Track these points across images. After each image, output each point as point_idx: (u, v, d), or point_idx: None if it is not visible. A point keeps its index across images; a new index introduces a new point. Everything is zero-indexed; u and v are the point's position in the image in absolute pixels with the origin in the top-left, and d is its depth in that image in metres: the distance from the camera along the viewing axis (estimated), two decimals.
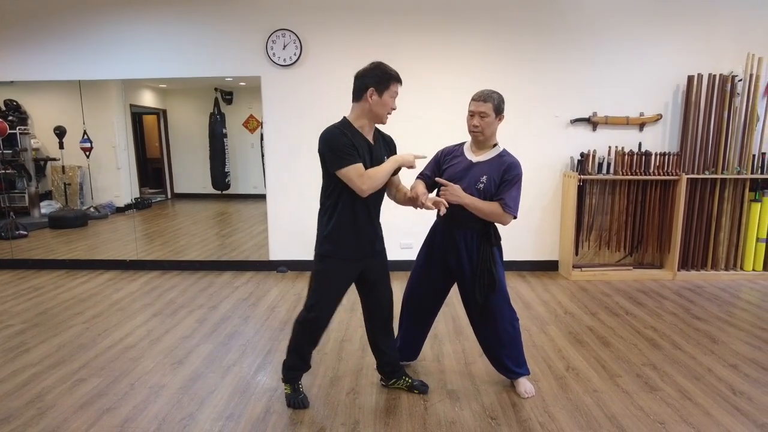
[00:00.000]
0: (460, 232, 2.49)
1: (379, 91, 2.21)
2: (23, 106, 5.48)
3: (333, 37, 4.61)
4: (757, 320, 3.63)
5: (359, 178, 2.15)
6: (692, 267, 4.76)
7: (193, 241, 5.76)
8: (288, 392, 2.51)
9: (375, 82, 2.21)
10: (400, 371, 2.64)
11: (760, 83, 4.50)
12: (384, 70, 2.24)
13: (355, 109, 2.28)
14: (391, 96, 2.25)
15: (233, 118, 5.81)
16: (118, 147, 5.49)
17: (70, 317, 3.70)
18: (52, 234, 5.66)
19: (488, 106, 2.41)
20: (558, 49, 4.58)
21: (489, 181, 2.41)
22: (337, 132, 2.20)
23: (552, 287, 4.43)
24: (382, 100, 2.23)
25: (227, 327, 3.50)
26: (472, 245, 2.48)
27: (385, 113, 2.28)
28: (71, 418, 2.38)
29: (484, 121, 2.41)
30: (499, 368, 2.66)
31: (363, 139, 2.26)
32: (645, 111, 4.66)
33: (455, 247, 2.52)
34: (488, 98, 2.41)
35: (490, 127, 2.43)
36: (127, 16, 4.68)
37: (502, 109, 2.45)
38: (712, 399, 2.55)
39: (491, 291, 2.47)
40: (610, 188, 4.72)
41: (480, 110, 2.42)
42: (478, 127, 2.43)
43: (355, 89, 2.27)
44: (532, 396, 2.59)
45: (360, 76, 2.25)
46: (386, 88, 2.22)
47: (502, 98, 2.47)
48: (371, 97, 2.21)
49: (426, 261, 2.66)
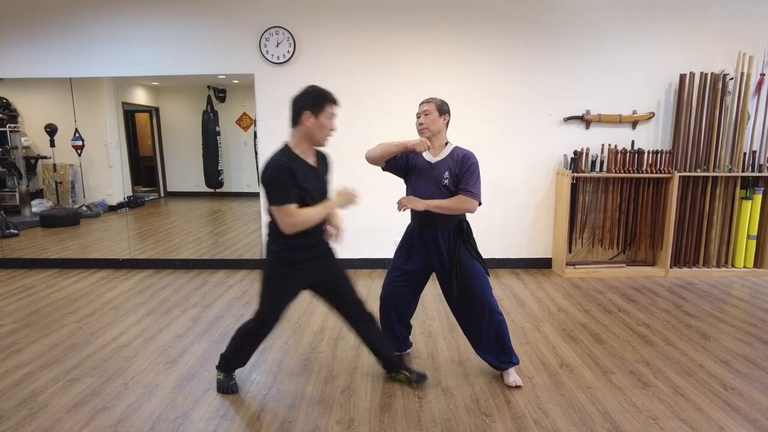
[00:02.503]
0: (438, 231, 2.63)
1: (315, 113, 2.23)
2: (13, 104, 5.42)
3: (326, 35, 4.59)
4: (748, 317, 3.67)
5: (285, 218, 2.18)
6: (684, 264, 4.80)
7: (186, 239, 5.73)
8: (221, 378, 2.62)
9: (310, 105, 2.23)
10: (399, 365, 2.70)
11: (750, 82, 4.54)
12: (318, 93, 2.26)
13: (295, 135, 2.29)
14: (327, 117, 2.26)
15: (226, 116, 5.78)
16: (111, 145, 5.45)
17: (62, 316, 3.67)
18: (43, 233, 5.61)
19: (431, 105, 2.60)
20: (551, 48, 4.59)
21: (451, 176, 2.57)
22: (279, 166, 2.18)
23: (545, 285, 4.45)
24: (319, 123, 2.24)
25: (221, 326, 3.49)
26: (450, 242, 2.62)
27: (324, 136, 2.29)
28: (64, 418, 2.37)
29: (428, 118, 2.60)
30: (488, 360, 2.71)
31: (304, 164, 2.28)
32: (638, 109, 4.69)
33: (436, 247, 2.63)
34: (430, 100, 2.63)
35: (435, 123, 2.60)
36: (119, 14, 4.65)
37: (445, 109, 2.63)
38: (704, 395, 2.57)
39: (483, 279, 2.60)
40: (603, 186, 4.75)
41: (423, 110, 2.61)
42: (423, 124, 2.61)
43: (291, 114, 2.28)
44: (520, 386, 2.63)
45: (295, 101, 2.27)
46: (322, 110, 2.24)
47: (445, 102, 2.66)
48: (308, 121, 2.23)
49: (404, 262, 2.75)
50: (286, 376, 2.78)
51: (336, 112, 2.31)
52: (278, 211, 2.18)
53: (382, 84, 4.64)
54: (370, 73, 4.64)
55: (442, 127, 2.63)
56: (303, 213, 2.21)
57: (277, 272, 2.37)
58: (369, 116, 4.70)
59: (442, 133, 2.65)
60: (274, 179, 2.18)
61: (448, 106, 2.66)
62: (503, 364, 2.68)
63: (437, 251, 2.64)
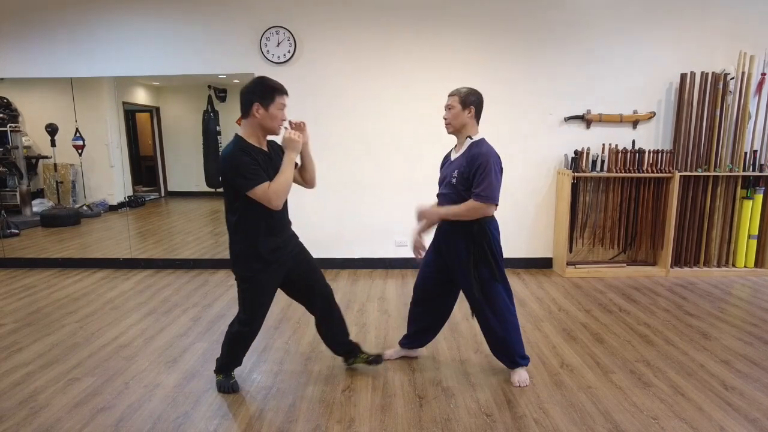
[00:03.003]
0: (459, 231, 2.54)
1: (264, 105, 2.25)
2: (14, 104, 5.42)
3: (327, 35, 4.59)
4: (749, 316, 3.66)
5: (267, 194, 2.20)
6: (685, 264, 4.79)
7: (187, 239, 5.73)
8: (220, 379, 2.62)
9: (259, 97, 2.25)
10: (355, 349, 2.78)
11: (751, 81, 4.54)
12: (267, 84, 2.28)
13: (246, 126, 2.32)
14: (278, 108, 2.28)
15: (227, 116, 5.77)
16: (111, 145, 5.45)
17: (63, 316, 3.68)
18: (44, 233, 5.61)
19: (454, 98, 2.51)
20: (552, 47, 4.59)
21: (460, 175, 2.47)
22: (238, 153, 2.22)
23: (546, 284, 4.45)
24: (269, 114, 2.27)
25: (222, 325, 3.49)
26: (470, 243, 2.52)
27: (276, 125, 2.31)
28: (65, 418, 2.37)
29: (451, 113, 2.51)
30: (501, 358, 2.73)
31: (260, 152, 2.30)
32: (638, 109, 4.69)
33: (455, 246, 2.58)
34: (455, 92, 2.53)
35: (458, 118, 2.51)
36: (119, 13, 4.65)
37: (470, 101, 2.49)
38: (704, 394, 2.57)
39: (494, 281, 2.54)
40: (604, 186, 4.75)
41: (447, 104, 2.55)
42: (446, 119, 2.54)
43: (241, 106, 2.30)
44: (525, 386, 2.64)
45: (244, 92, 2.29)
46: (272, 101, 2.26)
47: (472, 92, 2.52)
48: (258, 112, 2.26)
49: (432, 260, 2.74)
50: (286, 375, 2.78)
51: (285, 102, 2.31)
52: (256, 192, 2.20)
53: (382, 84, 4.64)
54: (371, 72, 4.64)
55: (467, 121, 2.50)
56: (276, 182, 2.24)
57: (248, 270, 2.39)
58: (369, 116, 4.70)
59: (468, 127, 2.52)
60: (240, 164, 2.20)
61: (476, 96, 2.50)
62: (512, 364, 2.71)
63: (456, 251, 2.57)
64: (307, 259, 2.59)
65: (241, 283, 2.44)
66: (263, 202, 2.22)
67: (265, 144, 2.38)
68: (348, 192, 4.82)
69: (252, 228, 2.32)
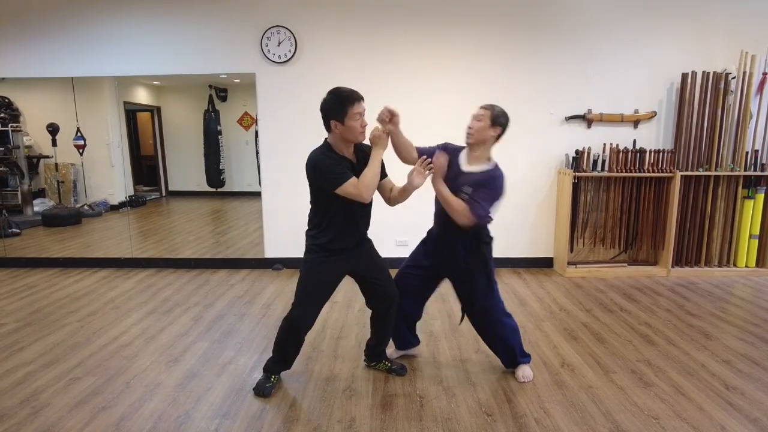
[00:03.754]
0: (458, 239, 2.55)
1: (340, 119, 2.27)
2: (15, 103, 5.42)
3: (328, 34, 4.59)
4: (750, 316, 3.66)
5: (356, 188, 2.26)
6: (686, 264, 4.79)
7: (188, 238, 5.73)
8: (261, 379, 2.63)
9: (334, 114, 2.27)
10: (382, 355, 2.81)
11: (753, 81, 4.53)
12: (339, 98, 2.28)
13: (331, 138, 2.38)
14: (353, 119, 2.28)
15: (228, 116, 5.78)
16: (112, 144, 5.45)
17: (64, 316, 3.68)
18: (45, 232, 5.62)
19: (486, 112, 2.46)
20: (553, 47, 4.58)
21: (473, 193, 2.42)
22: (322, 155, 2.31)
23: (547, 284, 4.45)
24: (346, 127, 2.29)
25: (223, 325, 3.49)
26: (469, 249, 2.56)
27: (356, 135, 2.33)
28: (66, 417, 2.37)
29: (478, 124, 2.46)
30: (503, 360, 2.78)
31: (345, 159, 2.36)
32: (639, 108, 4.68)
33: (452, 253, 2.59)
34: (488, 107, 2.49)
35: (482, 132, 2.46)
36: (120, 13, 4.65)
37: (500, 122, 2.46)
38: (705, 394, 2.57)
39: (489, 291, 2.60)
40: (605, 185, 4.74)
41: (478, 113, 2.48)
42: (471, 128, 2.48)
43: (323, 123, 2.34)
44: (529, 380, 2.67)
45: (322, 109, 2.32)
46: (345, 114, 2.27)
47: (504, 114, 2.49)
48: (336, 128, 2.29)
49: (417, 258, 2.76)
50: (287, 375, 2.78)
51: (362, 109, 2.31)
52: (345, 188, 2.26)
53: (383, 83, 4.63)
54: (371, 72, 4.63)
55: (489, 139, 2.47)
56: (364, 176, 2.29)
57: (313, 257, 2.46)
58: (370, 115, 4.68)
59: (488, 145, 2.50)
60: (325, 164, 2.29)
61: (506, 119, 2.48)
62: (514, 364, 2.76)
63: (453, 258, 2.59)
64: (375, 263, 2.62)
65: (302, 272, 2.50)
66: (354, 196, 2.27)
67: (350, 151, 2.41)
68: None
69: (330, 226, 2.41)
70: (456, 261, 2.58)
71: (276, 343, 2.60)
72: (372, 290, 2.63)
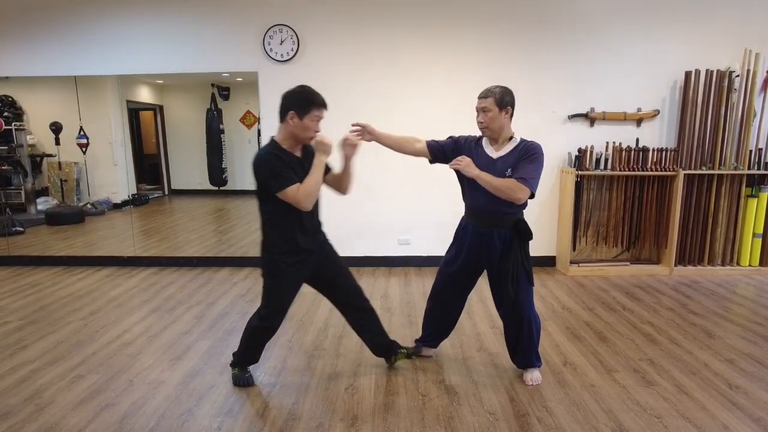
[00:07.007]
0: (494, 232, 2.53)
1: (299, 114, 2.27)
2: (18, 102, 5.44)
3: (330, 33, 4.59)
4: (753, 315, 3.65)
5: (297, 196, 2.23)
6: (689, 262, 4.78)
7: (190, 237, 5.75)
8: (236, 372, 2.65)
9: (297, 106, 2.27)
10: (394, 347, 2.79)
11: (756, 79, 4.51)
12: (307, 95, 2.29)
13: (281, 130, 2.36)
14: (312, 120, 2.29)
15: (230, 114, 5.79)
16: (115, 143, 5.47)
17: (67, 314, 3.69)
18: (48, 230, 5.64)
19: (489, 101, 2.43)
20: (555, 45, 4.57)
21: (514, 172, 2.41)
22: (270, 156, 2.27)
23: (549, 283, 4.45)
24: (302, 124, 2.28)
25: (225, 323, 3.50)
26: (506, 243, 2.53)
27: (308, 136, 2.32)
28: (70, 415, 2.38)
29: (488, 116, 2.44)
30: (517, 359, 2.73)
31: (293, 157, 2.34)
32: (642, 107, 4.67)
33: (488, 247, 2.55)
34: (489, 93, 2.44)
35: (495, 121, 2.44)
36: (123, 12, 4.65)
37: (506, 102, 2.43)
38: (708, 393, 2.56)
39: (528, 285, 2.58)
40: (608, 184, 4.73)
41: (482, 106, 2.46)
42: (482, 122, 2.46)
43: (279, 110, 2.32)
44: (537, 384, 2.65)
45: (283, 96, 2.31)
46: (307, 113, 2.27)
47: (507, 91, 2.45)
48: (292, 120, 2.28)
49: (455, 259, 2.70)
50: (289, 373, 2.79)
51: (322, 115, 2.32)
52: (286, 194, 2.23)
53: (385, 82, 4.63)
54: (374, 71, 4.63)
55: (505, 123, 2.44)
56: (305, 184, 2.27)
57: (274, 265, 2.42)
58: (372, 114, 4.68)
59: (506, 129, 2.47)
60: (270, 168, 2.24)
61: (510, 96, 2.43)
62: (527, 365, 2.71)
63: (489, 253, 2.55)
64: (335, 263, 2.61)
65: (266, 277, 2.48)
66: (293, 203, 2.25)
67: (298, 149, 2.39)
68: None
69: (282, 227, 2.36)
70: (493, 255, 2.54)
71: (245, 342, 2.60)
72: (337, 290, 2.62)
